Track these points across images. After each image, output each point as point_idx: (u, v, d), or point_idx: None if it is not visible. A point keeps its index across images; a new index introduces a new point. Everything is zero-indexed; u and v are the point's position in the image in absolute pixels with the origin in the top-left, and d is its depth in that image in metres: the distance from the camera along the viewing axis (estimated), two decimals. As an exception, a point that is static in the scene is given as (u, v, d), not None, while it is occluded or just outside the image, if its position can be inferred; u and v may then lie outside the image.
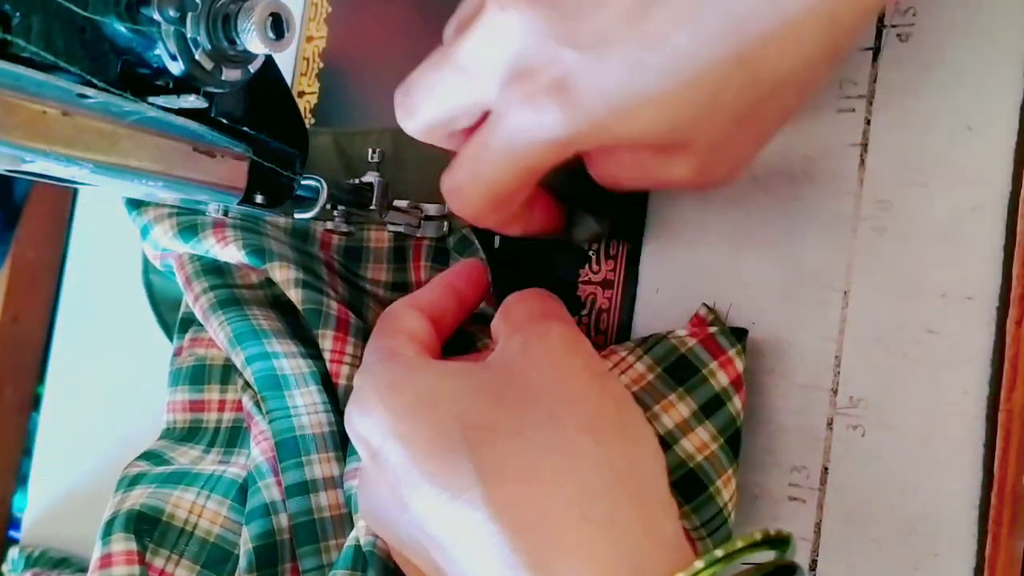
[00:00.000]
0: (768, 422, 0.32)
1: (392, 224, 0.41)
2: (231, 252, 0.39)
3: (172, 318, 0.48)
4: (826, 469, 0.31)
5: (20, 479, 0.62)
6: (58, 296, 0.60)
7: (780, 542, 0.25)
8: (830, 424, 0.31)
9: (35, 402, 0.62)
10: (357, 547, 0.32)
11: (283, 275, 0.38)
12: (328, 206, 0.37)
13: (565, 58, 0.26)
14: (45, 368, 0.60)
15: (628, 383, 0.32)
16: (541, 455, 0.26)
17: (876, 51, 0.32)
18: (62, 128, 0.27)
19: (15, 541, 0.60)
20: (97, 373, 0.55)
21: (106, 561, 0.35)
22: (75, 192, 0.61)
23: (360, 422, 0.29)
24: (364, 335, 0.38)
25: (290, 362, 0.37)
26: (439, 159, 0.32)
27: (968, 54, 0.30)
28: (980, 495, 0.28)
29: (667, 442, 0.30)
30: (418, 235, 0.42)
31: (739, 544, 0.24)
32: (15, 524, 0.62)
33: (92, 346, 0.56)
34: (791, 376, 0.32)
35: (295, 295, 0.38)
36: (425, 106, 0.31)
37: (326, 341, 0.37)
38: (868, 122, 0.32)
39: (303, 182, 0.36)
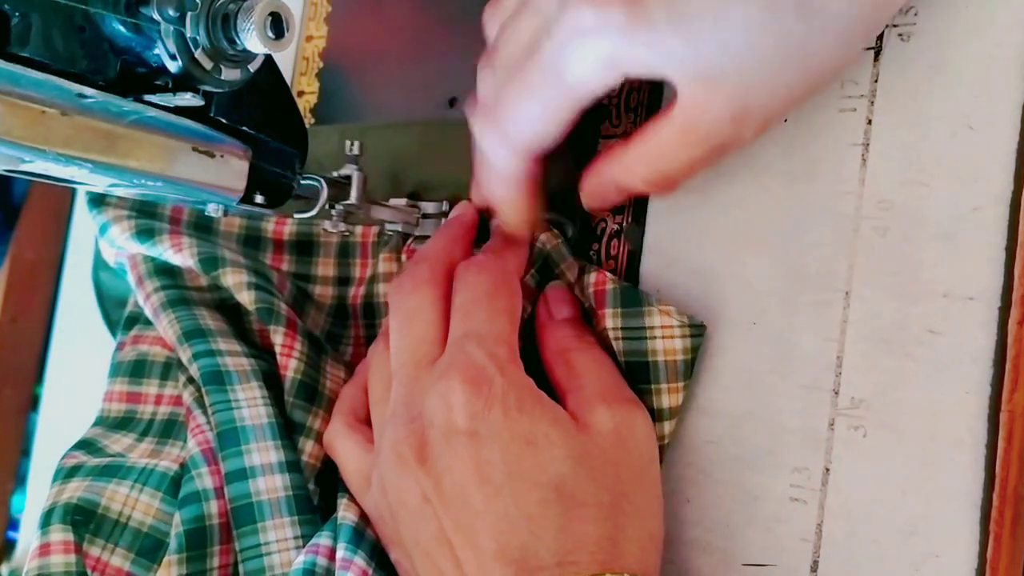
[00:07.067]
0: (769, 422, 0.32)
1: (390, 223, 0.41)
2: (184, 258, 0.41)
3: (117, 314, 0.51)
4: (827, 470, 0.31)
5: (19, 480, 0.62)
6: (57, 296, 0.60)
7: None
8: (831, 425, 0.31)
9: (34, 403, 0.62)
10: (355, 528, 0.34)
11: (235, 279, 0.40)
12: (327, 206, 0.37)
13: None
14: (44, 369, 0.60)
15: None
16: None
17: (877, 51, 0.32)
18: (61, 128, 0.27)
19: (14, 542, 0.60)
20: (96, 374, 0.55)
21: (44, 550, 0.36)
22: (74, 192, 0.60)
23: (458, 384, 0.30)
24: (307, 335, 0.40)
25: (233, 360, 0.39)
26: (438, 158, 0.31)
27: (970, 54, 0.30)
28: (982, 496, 0.28)
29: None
30: (416, 233, 0.42)
31: None
32: (14, 525, 0.62)
33: (91, 347, 0.56)
34: (792, 376, 0.32)
35: (247, 297, 0.40)
36: None
37: (277, 336, 0.39)
38: (869, 122, 0.32)
39: (303, 182, 0.36)
